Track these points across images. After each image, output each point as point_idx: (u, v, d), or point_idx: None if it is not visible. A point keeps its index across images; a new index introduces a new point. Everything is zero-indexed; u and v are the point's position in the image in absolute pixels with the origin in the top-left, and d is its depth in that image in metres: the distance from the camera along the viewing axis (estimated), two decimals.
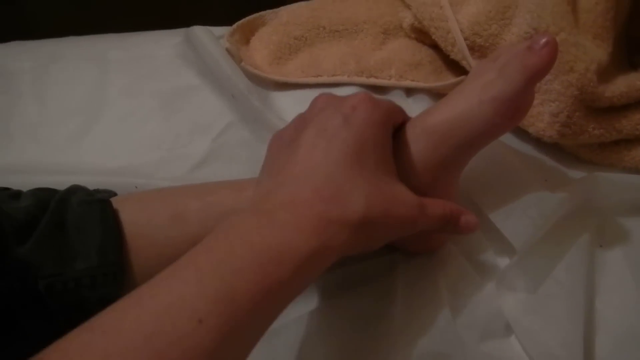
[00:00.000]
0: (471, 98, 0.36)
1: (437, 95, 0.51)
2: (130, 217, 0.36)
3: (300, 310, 0.38)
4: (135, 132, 0.51)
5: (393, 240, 0.41)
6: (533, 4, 0.44)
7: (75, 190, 0.38)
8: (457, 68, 0.51)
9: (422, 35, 0.53)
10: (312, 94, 0.52)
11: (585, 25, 0.44)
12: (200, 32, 0.54)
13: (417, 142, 0.37)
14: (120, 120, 0.52)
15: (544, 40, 0.35)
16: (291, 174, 0.32)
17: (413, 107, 0.50)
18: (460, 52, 0.48)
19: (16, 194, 0.38)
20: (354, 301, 0.39)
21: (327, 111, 0.35)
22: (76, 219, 0.35)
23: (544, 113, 0.44)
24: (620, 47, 0.48)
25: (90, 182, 0.40)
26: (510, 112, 0.36)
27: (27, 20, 1.02)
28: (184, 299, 0.25)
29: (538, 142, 0.47)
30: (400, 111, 0.38)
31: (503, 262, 0.41)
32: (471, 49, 0.48)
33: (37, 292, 0.33)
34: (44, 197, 0.37)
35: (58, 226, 0.34)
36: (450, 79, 0.51)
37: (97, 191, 0.39)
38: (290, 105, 0.52)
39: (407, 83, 0.51)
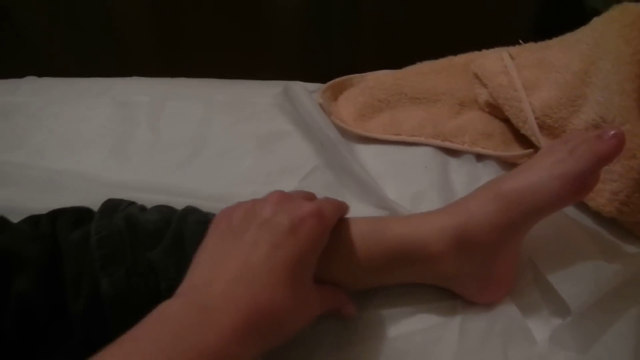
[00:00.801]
0: (543, 172, 0.42)
1: (505, 163, 0.57)
2: None
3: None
4: (233, 166, 0.58)
5: (458, 290, 0.46)
6: (602, 97, 0.50)
7: (192, 210, 0.45)
8: (525, 142, 0.57)
9: (495, 110, 0.59)
10: (392, 150, 0.59)
11: None
12: (297, 87, 0.62)
13: (491, 205, 0.42)
14: (220, 155, 0.59)
15: (613, 132, 0.41)
16: (230, 271, 0.34)
17: (482, 172, 0.56)
18: (530, 129, 0.54)
19: (143, 208, 0.45)
20: (410, 339, 0.43)
21: (279, 216, 0.37)
22: (192, 235, 0.41)
23: (605, 190, 0.49)
24: None
25: (190, 203, 0.47)
26: (576, 188, 0.41)
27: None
28: None
29: (597, 216, 0.51)
30: (342, 210, 0.42)
31: (556, 322, 0.45)
32: (540, 127, 0.54)
33: (157, 293, 0.39)
34: (168, 213, 0.44)
35: (179, 240, 0.41)
36: (518, 150, 0.56)
37: (209, 214, 0.45)
38: (372, 157, 0.58)
39: (479, 150, 0.57)
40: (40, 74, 0.70)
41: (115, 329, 0.30)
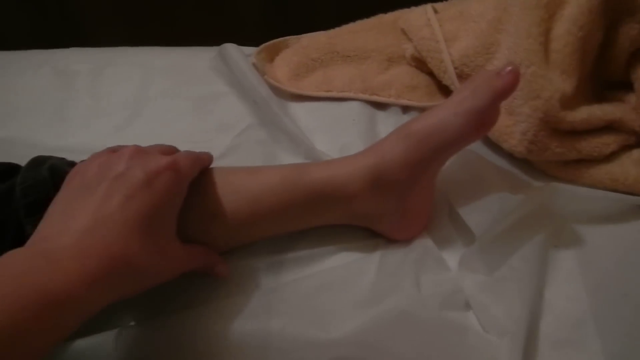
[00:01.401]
0: (448, 110, 0.45)
1: None
2: None
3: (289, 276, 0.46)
4: (171, 127, 0.60)
5: (379, 229, 0.48)
6: (512, 42, 0.53)
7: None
8: (448, 92, 0.59)
9: (420, 63, 0.62)
10: (322, 106, 0.61)
11: (555, 63, 0.52)
12: (232, 49, 0.64)
13: (401, 144, 0.45)
14: (158, 117, 0.61)
15: (509, 69, 0.43)
16: (82, 222, 0.34)
17: None
18: (449, 78, 0.57)
19: (71, 163, 0.47)
20: (336, 272, 0.46)
21: (133, 170, 0.37)
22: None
23: (515, 132, 0.52)
24: (589, 82, 0.56)
25: None
26: (478, 124, 0.44)
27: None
28: None
29: (511, 157, 0.54)
30: (201, 162, 0.44)
31: None
32: (459, 76, 0.57)
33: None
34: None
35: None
36: (441, 100, 0.59)
37: None
38: (304, 114, 0.60)
39: (404, 102, 0.59)
40: None
41: None
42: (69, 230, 0.33)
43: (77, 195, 0.36)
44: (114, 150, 0.41)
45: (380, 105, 0.61)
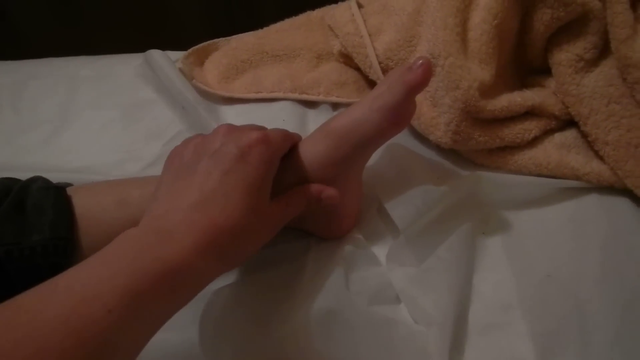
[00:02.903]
0: (365, 107, 0.45)
1: None
2: (81, 202, 0.44)
3: (223, 283, 0.45)
4: (98, 138, 0.59)
5: (310, 229, 0.48)
6: (430, 34, 0.53)
7: (36, 179, 0.45)
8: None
9: (348, 59, 0.62)
10: (253, 107, 0.61)
11: (472, 52, 0.53)
12: (157, 55, 0.63)
13: (322, 143, 0.45)
14: (85, 128, 0.60)
15: (420, 62, 0.44)
16: (188, 200, 0.36)
17: None
18: (375, 73, 0.57)
19: None
20: (270, 275, 0.46)
21: (227, 146, 0.39)
22: (34, 202, 0.42)
23: (440, 123, 0.53)
24: (509, 70, 0.57)
25: (55, 178, 0.47)
26: (395, 118, 0.44)
27: (18, 36, 1.12)
28: (98, 292, 0.29)
29: (439, 148, 0.55)
30: (291, 139, 0.45)
31: None
32: (385, 70, 0.57)
33: None
34: (8, 184, 0.44)
35: (18, 207, 0.42)
36: None
37: (57, 183, 0.46)
38: (234, 117, 0.60)
39: (332, 99, 0.59)
40: None
41: None
42: (176, 209, 0.36)
43: (179, 176, 0.39)
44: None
45: (310, 104, 0.61)
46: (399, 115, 0.45)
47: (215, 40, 0.67)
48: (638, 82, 0.50)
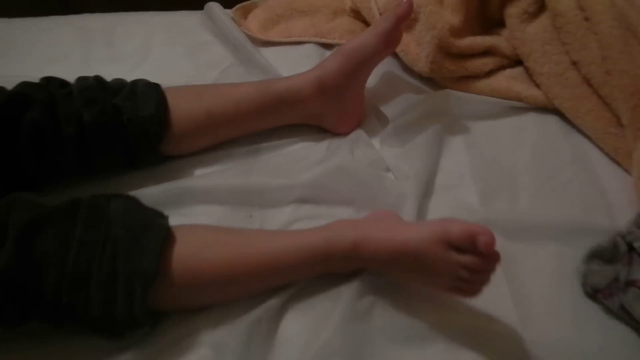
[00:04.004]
0: (367, 33, 0.66)
1: None
2: (170, 94, 0.64)
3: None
4: (170, 67, 0.80)
5: (325, 125, 0.69)
6: None
7: (140, 79, 0.66)
8: None
9: (357, 14, 0.82)
10: (285, 48, 0.82)
11: (446, 3, 0.73)
12: (215, 7, 0.84)
13: (337, 59, 0.66)
14: (161, 60, 0.80)
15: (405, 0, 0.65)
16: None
17: None
18: (376, 21, 0.78)
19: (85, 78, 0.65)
20: (299, 150, 0.67)
21: None
22: (141, 90, 0.63)
23: (422, 56, 0.73)
24: (475, 21, 0.77)
25: None
26: (388, 41, 0.65)
27: None
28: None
29: (421, 77, 0.75)
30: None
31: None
32: None
33: (120, 123, 0.60)
34: (121, 81, 0.65)
35: (133, 92, 0.63)
36: None
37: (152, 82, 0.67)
38: (271, 55, 0.80)
39: (344, 42, 0.80)
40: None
41: (92, 147, 0.55)
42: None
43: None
44: None
45: (327, 46, 0.81)
46: (391, 38, 0.66)
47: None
48: (562, 27, 0.70)
